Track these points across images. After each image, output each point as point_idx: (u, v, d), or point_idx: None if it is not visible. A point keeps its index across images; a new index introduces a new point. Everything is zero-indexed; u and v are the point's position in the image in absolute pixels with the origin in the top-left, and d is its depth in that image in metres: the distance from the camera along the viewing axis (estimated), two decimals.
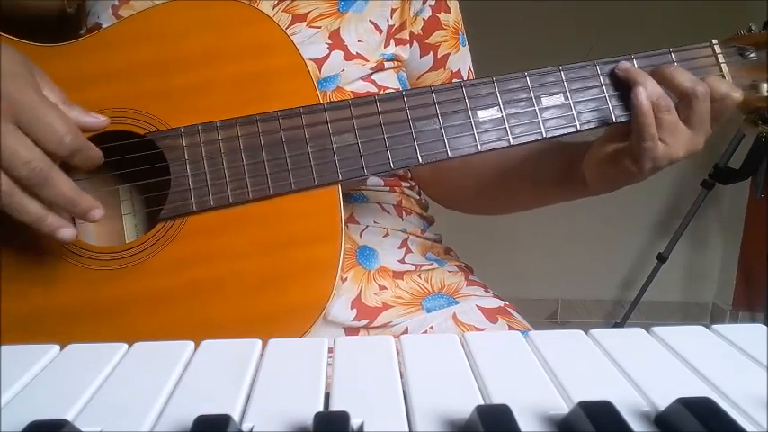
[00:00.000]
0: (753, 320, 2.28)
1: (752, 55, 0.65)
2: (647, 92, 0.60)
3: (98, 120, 0.55)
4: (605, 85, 0.64)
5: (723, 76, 0.65)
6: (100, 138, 0.61)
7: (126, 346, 0.37)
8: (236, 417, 0.30)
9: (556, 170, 0.71)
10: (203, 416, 0.28)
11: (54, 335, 0.57)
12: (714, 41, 0.66)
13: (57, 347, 0.37)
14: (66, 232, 0.53)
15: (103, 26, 0.69)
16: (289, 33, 0.64)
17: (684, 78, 0.60)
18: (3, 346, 0.36)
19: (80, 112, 0.55)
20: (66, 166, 0.54)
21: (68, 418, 0.30)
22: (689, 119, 0.60)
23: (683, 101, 0.60)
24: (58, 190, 0.51)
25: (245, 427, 0.29)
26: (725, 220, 2.37)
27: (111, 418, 0.30)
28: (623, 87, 0.62)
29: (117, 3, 0.70)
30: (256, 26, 0.63)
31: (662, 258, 2.12)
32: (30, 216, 0.51)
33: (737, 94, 0.61)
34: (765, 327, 0.39)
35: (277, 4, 0.71)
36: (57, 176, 0.51)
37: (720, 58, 0.65)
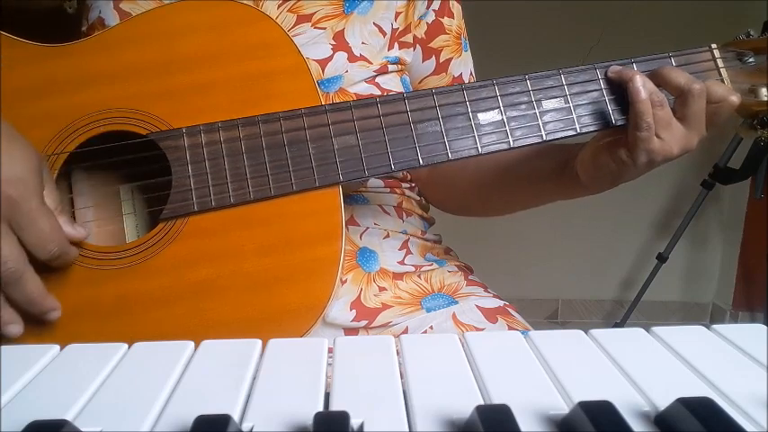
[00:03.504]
0: (753, 320, 2.27)
1: (750, 60, 0.66)
2: (644, 84, 0.60)
3: (80, 233, 0.58)
4: (605, 88, 0.64)
5: (722, 81, 0.65)
6: (102, 138, 0.61)
7: (126, 346, 0.37)
8: (236, 417, 0.30)
9: (551, 168, 0.71)
10: (203, 416, 0.28)
11: (55, 334, 0.57)
12: (713, 46, 0.66)
13: (57, 347, 0.37)
14: (14, 329, 0.55)
15: (107, 21, 0.69)
16: (293, 34, 0.64)
17: (681, 76, 0.61)
18: (3, 346, 0.36)
19: (66, 220, 0.57)
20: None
21: (68, 418, 0.30)
22: (685, 116, 0.60)
23: (679, 98, 0.61)
24: (24, 291, 0.54)
25: (245, 427, 0.29)
26: (725, 220, 2.37)
27: (111, 418, 0.30)
28: (623, 91, 0.63)
29: None
30: (258, 27, 0.63)
31: (662, 258, 2.12)
32: None
33: (735, 98, 0.62)
34: (765, 327, 0.39)
35: (281, 4, 0.71)
36: (28, 279, 0.54)
37: (719, 62, 0.66)
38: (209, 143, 0.60)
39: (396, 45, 0.76)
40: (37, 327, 0.57)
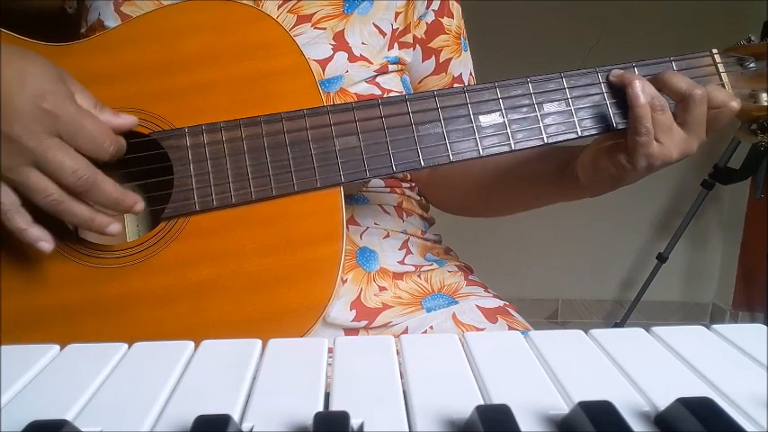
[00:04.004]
0: (753, 320, 2.27)
1: (751, 65, 0.66)
2: (644, 88, 0.60)
3: (127, 120, 0.58)
4: (606, 92, 0.64)
5: (723, 86, 0.65)
6: None
7: (126, 346, 0.37)
8: (236, 417, 0.30)
9: (551, 171, 0.71)
10: (203, 416, 0.28)
11: (56, 334, 0.57)
12: (714, 51, 0.67)
13: (57, 347, 0.37)
14: (114, 228, 0.56)
15: (106, 23, 0.69)
16: (293, 34, 0.64)
17: (682, 81, 0.61)
18: (3, 346, 0.36)
19: (111, 114, 0.57)
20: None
21: (68, 418, 0.30)
22: (685, 121, 0.60)
23: (680, 103, 0.61)
24: (104, 193, 0.55)
25: (245, 427, 0.29)
26: (725, 220, 2.37)
27: (111, 418, 0.30)
28: (624, 94, 0.63)
29: None
30: (260, 27, 0.63)
31: (662, 258, 2.12)
32: (79, 219, 0.55)
33: (735, 104, 0.62)
34: (765, 327, 0.39)
35: (282, 5, 0.71)
36: (102, 181, 0.55)
37: (720, 67, 0.66)
38: (212, 143, 0.60)
39: (395, 45, 0.76)
40: (37, 326, 0.57)
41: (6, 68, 0.52)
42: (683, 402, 0.28)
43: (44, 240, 0.55)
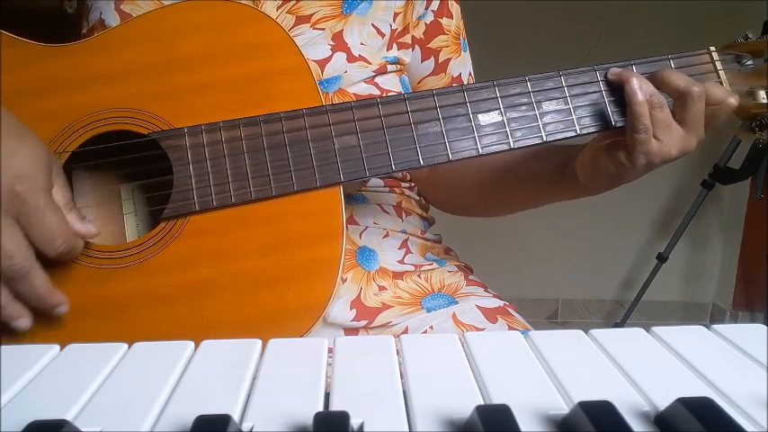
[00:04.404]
0: (753, 320, 2.27)
1: (749, 62, 0.66)
2: (641, 86, 0.60)
3: (91, 230, 0.57)
4: (605, 90, 0.64)
5: (721, 83, 0.65)
6: (104, 137, 0.61)
7: (126, 346, 0.37)
8: (236, 417, 0.30)
9: (551, 170, 0.71)
10: (203, 416, 0.28)
11: (56, 334, 0.57)
12: (712, 48, 0.67)
13: (57, 347, 0.37)
14: (22, 323, 0.55)
15: (107, 22, 0.69)
16: (292, 35, 0.64)
17: (680, 79, 0.61)
18: (3, 346, 0.36)
19: (76, 217, 0.57)
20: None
21: (68, 418, 0.30)
22: (684, 119, 0.61)
23: (679, 100, 0.61)
24: (30, 287, 0.54)
25: (245, 427, 0.29)
26: (725, 220, 2.37)
27: (111, 418, 0.30)
28: (622, 92, 0.63)
29: None
30: (259, 27, 0.63)
31: (662, 258, 2.12)
32: None
33: (733, 100, 0.62)
34: (765, 327, 0.39)
35: (281, 6, 0.71)
36: (34, 275, 0.54)
37: (718, 65, 0.66)
38: (211, 143, 0.60)
39: (394, 46, 0.76)
40: (37, 325, 0.57)
41: (4, 143, 0.52)
42: (683, 402, 0.28)
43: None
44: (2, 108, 0.55)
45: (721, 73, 0.66)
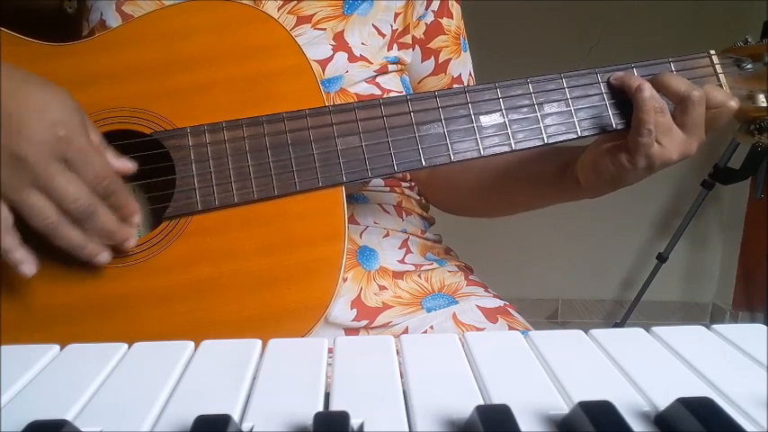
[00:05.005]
0: (753, 320, 2.27)
1: (748, 66, 0.66)
2: (651, 93, 0.60)
3: (127, 165, 0.59)
4: (606, 92, 0.64)
5: (720, 86, 0.65)
6: (106, 137, 0.61)
7: (126, 346, 0.37)
8: (236, 417, 0.30)
9: (551, 171, 0.71)
10: (203, 416, 0.28)
11: (57, 333, 0.57)
12: (712, 52, 0.67)
13: (57, 347, 0.37)
14: (104, 257, 0.57)
15: (108, 23, 0.69)
16: (293, 35, 0.64)
17: (680, 83, 0.61)
18: (3, 346, 0.36)
19: (114, 156, 0.58)
20: None
21: (68, 418, 0.30)
22: (684, 123, 0.61)
23: (679, 105, 0.61)
24: (100, 222, 0.55)
25: (245, 427, 0.29)
26: (725, 220, 2.37)
27: (111, 418, 0.30)
28: (623, 95, 0.63)
29: None
30: (261, 27, 0.63)
31: (662, 258, 2.12)
32: (71, 245, 0.55)
33: (734, 103, 0.62)
34: (765, 327, 0.39)
35: (282, 6, 0.71)
36: (100, 211, 0.55)
37: (718, 68, 0.66)
38: (214, 143, 0.61)
39: (395, 46, 0.76)
40: (37, 325, 0.57)
41: (29, 92, 0.53)
42: (683, 402, 0.28)
43: (27, 263, 0.54)
44: (18, 68, 0.55)
45: (721, 76, 0.66)
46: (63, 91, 0.56)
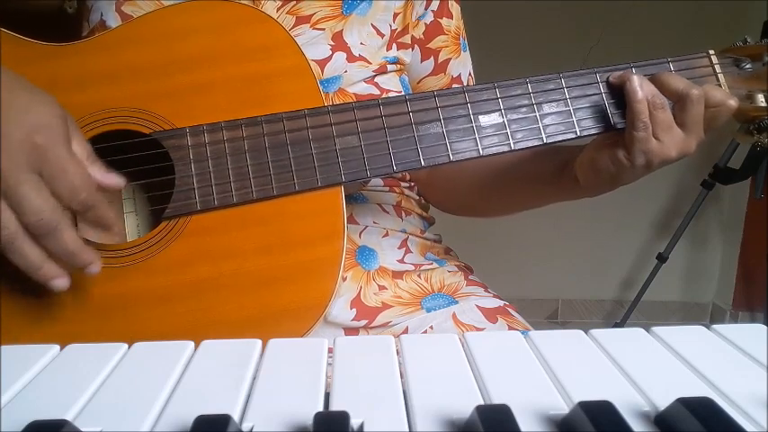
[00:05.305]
0: (753, 320, 2.28)
1: (747, 66, 0.67)
2: (642, 85, 0.60)
3: (115, 181, 0.56)
4: (605, 92, 0.64)
5: (720, 86, 0.65)
6: (106, 137, 0.61)
7: (126, 346, 0.37)
8: (236, 417, 0.30)
9: (550, 171, 0.71)
10: (203, 416, 0.28)
11: (56, 333, 0.57)
12: (711, 52, 0.67)
13: (57, 347, 0.37)
14: (60, 283, 0.53)
15: (108, 23, 0.69)
16: (292, 35, 0.64)
17: (679, 82, 0.61)
18: (3, 346, 0.36)
19: (100, 169, 0.55)
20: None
21: (68, 418, 0.30)
22: (684, 121, 0.61)
23: (678, 103, 0.61)
24: (61, 242, 0.52)
25: (245, 427, 0.29)
26: (725, 220, 2.37)
27: (111, 418, 0.30)
28: (622, 94, 0.63)
29: None
30: (261, 27, 0.63)
31: (662, 258, 2.12)
32: (27, 262, 0.52)
33: (733, 102, 0.62)
34: (765, 327, 0.39)
35: (281, 7, 0.71)
36: (63, 229, 0.52)
37: (717, 68, 0.66)
38: (213, 142, 0.61)
39: (394, 46, 0.76)
40: (37, 325, 0.57)
41: (15, 100, 0.51)
42: (683, 402, 0.28)
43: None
44: (6, 69, 0.54)
45: (720, 76, 0.66)
46: (49, 97, 0.54)
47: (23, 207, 0.50)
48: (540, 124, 0.64)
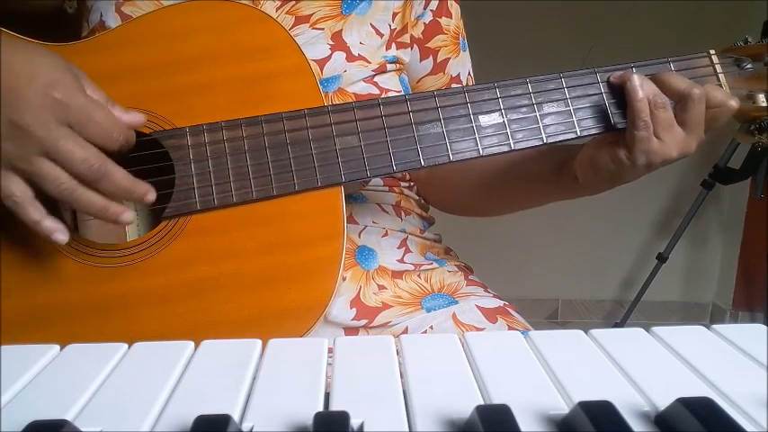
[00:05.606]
0: (753, 320, 2.28)
1: (748, 66, 0.66)
2: (642, 84, 0.60)
3: (136, 118, 0.58)
4: (605, 92, 0.64)
5: (720, 86, 0.65)
6: None
7: (126, 346, 0.37)
8: (236, 417, 0.30)
9: (549, 169, 0.71)
10: (203, 416, 0.28)
11: (56, 333, 0.57)
12: (712, 51, 0.67)
13: (57, 347, 0.37)
14: (127, 216, 0.56)
15: (107, 23, 0.69)
16: (292, 35, 0.64)
17: (680, 81, 0.61)
18: (3, 346, 0.36)
19: (121, 109, 0.57)
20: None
21: (68, 418, 0.30)
22: (684, 121, 0.61)
23: (679, 103, 0.61)
24: (115, 181, 0.55)
25: (245, 427, 0.29)
26: (725, 220, 2.37)
27: (111, 418, 0.30)
28: (623, 94, 0.63)
29: None
30: (260, 27, 0.63)
31: (662, 258, 2.12)
32: (93, 208, 0.55)
33: (734, 102, 0.62)
34: (765, 327, 0.39)
35: (280, 7, 0.71)
36: (113, 169, 0.55)
37: (718, 68, 0.66)
38: (213, 142, 0.61)
39: (393, 45, 0.76)
40: (37, 325, 0.57)
41: (16, 60, 0.53)
42: (683, 402, 0.28)
43: (59, 232, 0.54)
44: (5, 32, 0.55)
45: (721, 76, 0.66)
46: (51, 54, 0.55)
47: (70, 160, 0.52)
48: (541, 124, 0.63)
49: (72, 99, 0.53)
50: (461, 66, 0.81)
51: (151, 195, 0.57)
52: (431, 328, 0.69)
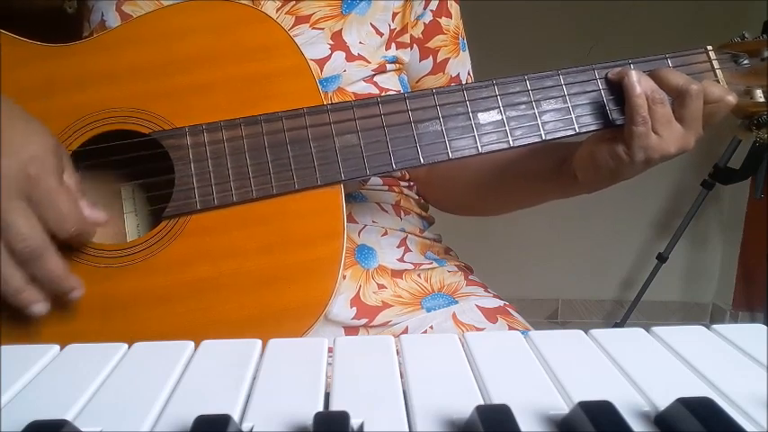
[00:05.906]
0: (753, 320, 2.28)
1: (745, 62, 0.67)
2: (640, 80, 0.61)
3: (98, 215, 0.57)
4: (603, 89, 0.64)
5: (718, 82, 0.65)
6: (105, 137, 0.61)
7: (126, 346, 0.37)
8: (236, 417, 0.30)
9: (548, 167, 0.71)
10: (203, 416, 0.28)
11: (56, 333, 0.57)
12: (709, 48, 0.67)
13: (57, 347, 0.37)
14: (39, 307, 0.54)
15: (108, 23, 0.69)
16: (291, 35, 0.64)
17: (678, 77, 0.61)
18: (3, 347, 0.36)
19: (87, 204, 0.57)
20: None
21: (68, 418, 0.30)
22: (682, 116, 0.61)
23: (678, 99, 0.61)
24: (47, 268, 0.53)
25: (245, 427, 0.29)
26: (725, 220, 2.37)
27: (111, 418, 0.30)
28: (621, 90, 0.63)
29: None
30: (260, 27, 0.63)
31: (662, 258, 2.12)
32: (8, 286, 0.53)
33: (732, 98, 0.63)
34: (765, 327, 0.39)
35: (280, 7, 0.71)
36: (49, 256, 0.53)
37: (715, 64, 0.66)
38: (212, 142, 0.61)
39: (393, 45, 0.76)
40: (37, 325, 0.57)
41: (11, 130, 0.53)
42: (683, 402, 0.28)
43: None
44: (5, 98, 0.55)
45: (718, 72, 0.66)
46: (44, 128, 0.55)
47: (10, 233, 0.51)
48: (539, 121, 0.64)
49: (43, 179, 0.52)
50: (461, 66, 0.82)
51: (77, 293, 0.55)
52: (431, 327, 0.70)
